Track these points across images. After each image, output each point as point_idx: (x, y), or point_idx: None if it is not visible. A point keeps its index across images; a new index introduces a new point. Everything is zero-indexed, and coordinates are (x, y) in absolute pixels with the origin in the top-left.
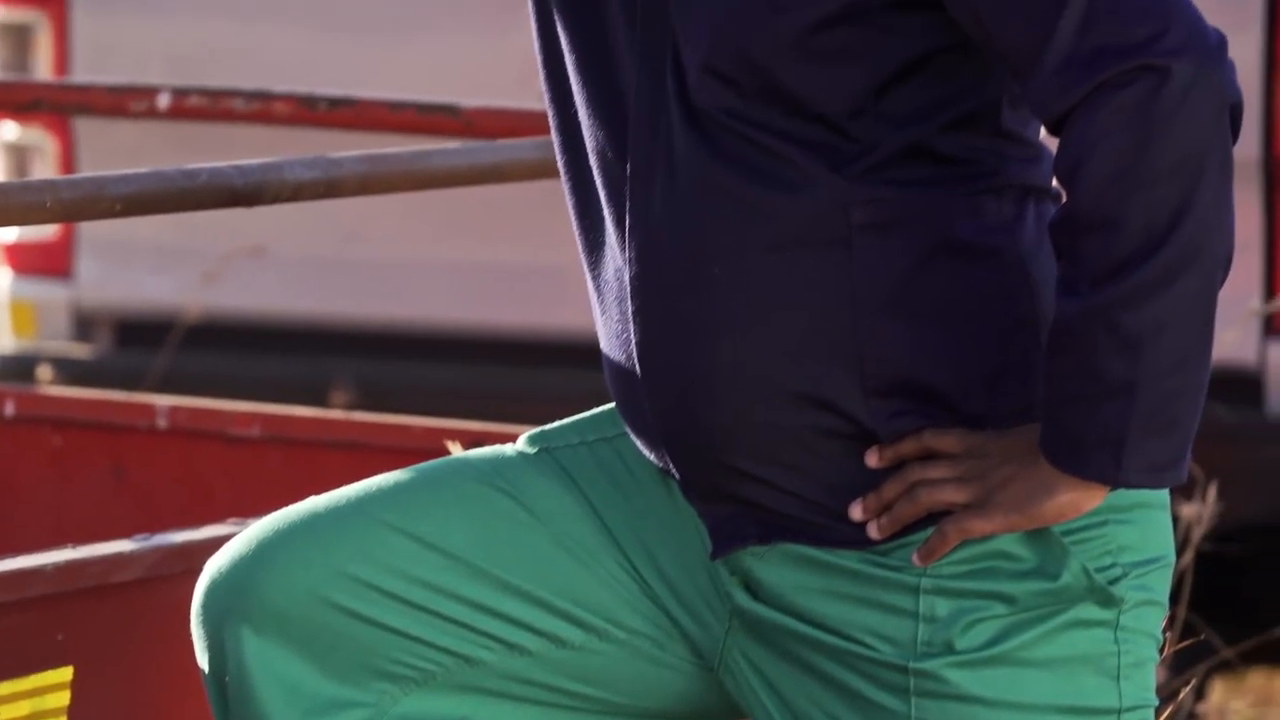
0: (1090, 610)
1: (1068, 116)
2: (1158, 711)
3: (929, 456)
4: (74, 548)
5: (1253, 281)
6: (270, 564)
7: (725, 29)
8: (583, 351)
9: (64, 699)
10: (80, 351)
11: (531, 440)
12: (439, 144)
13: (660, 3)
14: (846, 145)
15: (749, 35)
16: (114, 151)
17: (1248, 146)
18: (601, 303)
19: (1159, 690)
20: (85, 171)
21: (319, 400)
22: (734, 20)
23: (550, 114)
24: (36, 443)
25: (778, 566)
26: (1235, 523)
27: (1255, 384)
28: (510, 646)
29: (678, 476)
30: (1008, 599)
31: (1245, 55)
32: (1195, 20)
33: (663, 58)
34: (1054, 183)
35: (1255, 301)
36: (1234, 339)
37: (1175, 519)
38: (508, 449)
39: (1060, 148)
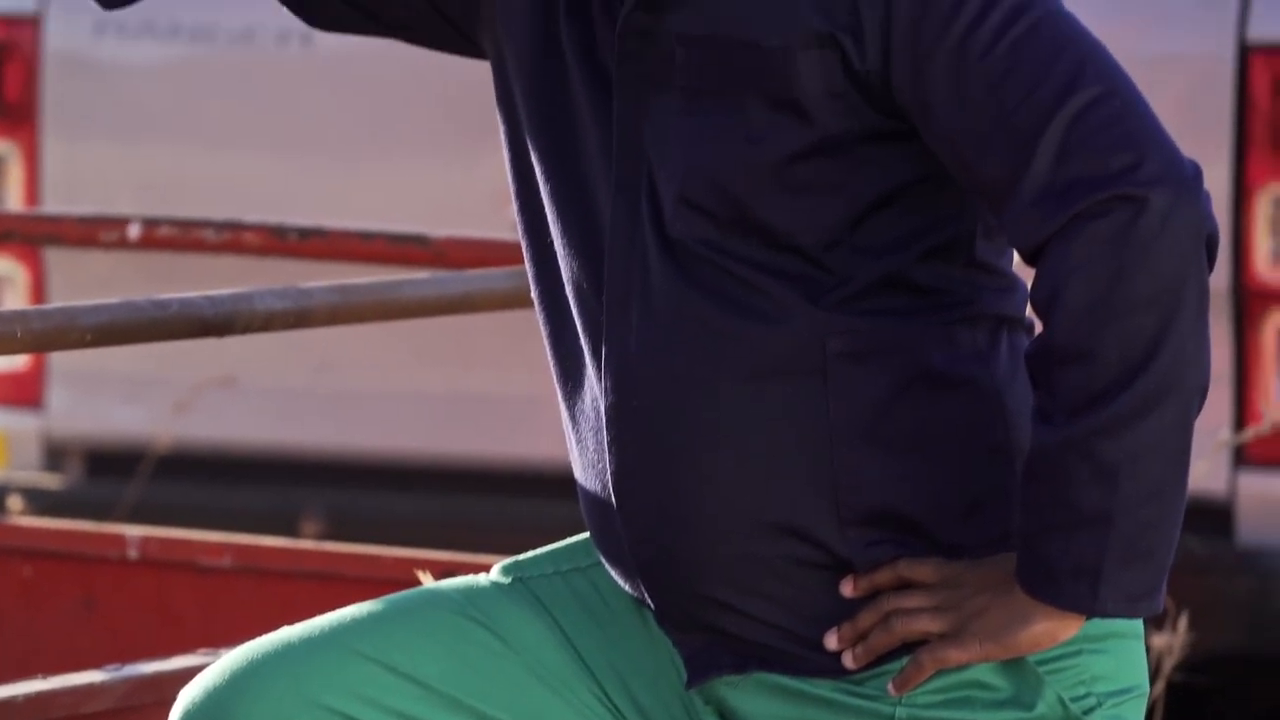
0: None
1: (1044, 247)
2: None
3: (904, 586)
4: (45, 679)
5: (1223, 413)
6: (243, 693)
7: (701, 161)
8: (556, 481)
9: None
10: (51, 482)
11: (505, 570)
12: (410, 274)
13: (636, 134)
14: (822, 276)
15: (725, 167)
16: (85, 281)
17: (1218, 277)
18: (577, 432)
19: None
20: (56, 301)
21: (290, 530)
22: (709, 152)
23: (524, 243)
24: (7, 573)
25: (753, 695)
26: (1205, 653)
27: (1225, 515)
28: None
29: (653, 606)
30: None
31: (1215, 185)
32: (1171, 151)
33: (638, 188)
34: (1029, 313)
35: (1225, 432)
36: (1204, 470)
37: (1147, 649)
38: (481, 579)
39: (1037, 278)
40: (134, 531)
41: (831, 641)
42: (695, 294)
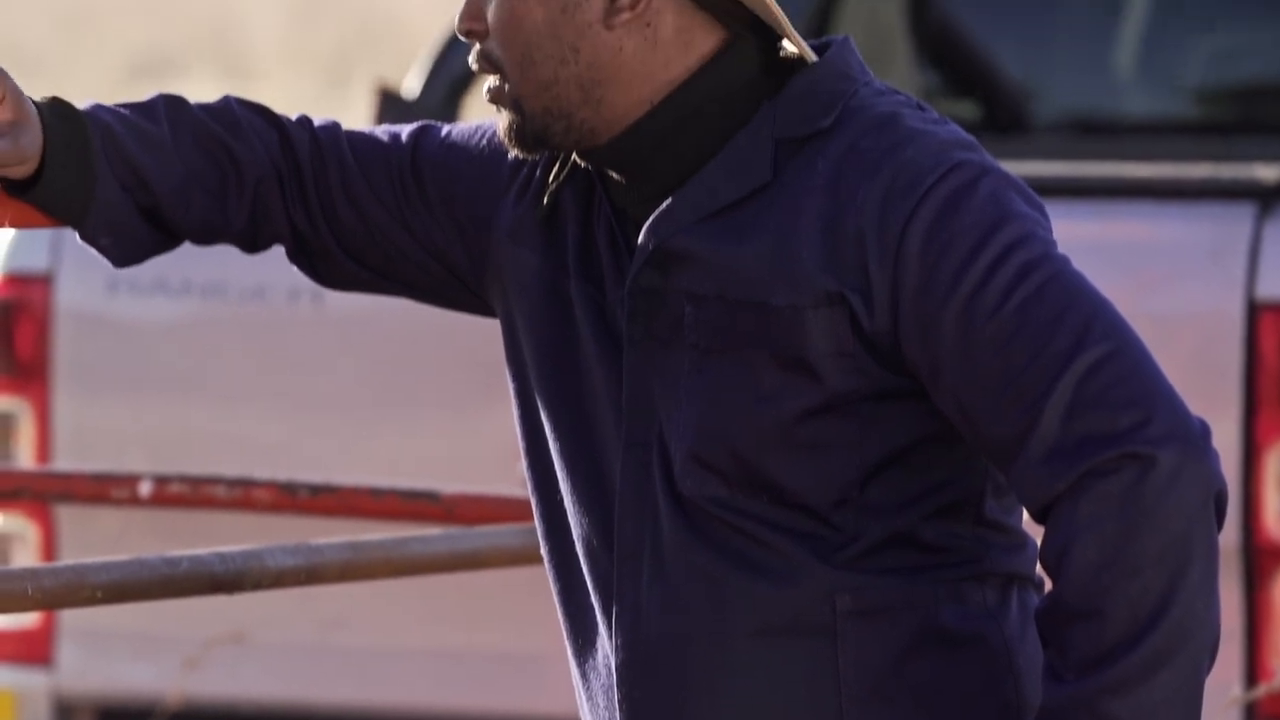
0: None
1: (1053, 505)
2: None
3: None
4: None
5: (1234, 669)
6: None
7: (711, 420)
8: None
9: None
10: None
11: None
12: (421, 530)
13: (646, 392)
14: (831, 534)
15: (734, 426)
16: (96, 538)
17: (1227, 534)
18: (587, 688)
19: None
20: (67, 558)
21: None
22: (720, 411)
23: (533, 500)
24: None
25: None
26: None
27: None
28: None
29: None
30: None
31: (1225, 441)
32: (1179, 408)
33: (649, 446)
34: (1038, 569)
35: (1236, 689)
36: None
37: None
38: None
39: (1046, 536)
40: None
41: None
42: (705, 551)
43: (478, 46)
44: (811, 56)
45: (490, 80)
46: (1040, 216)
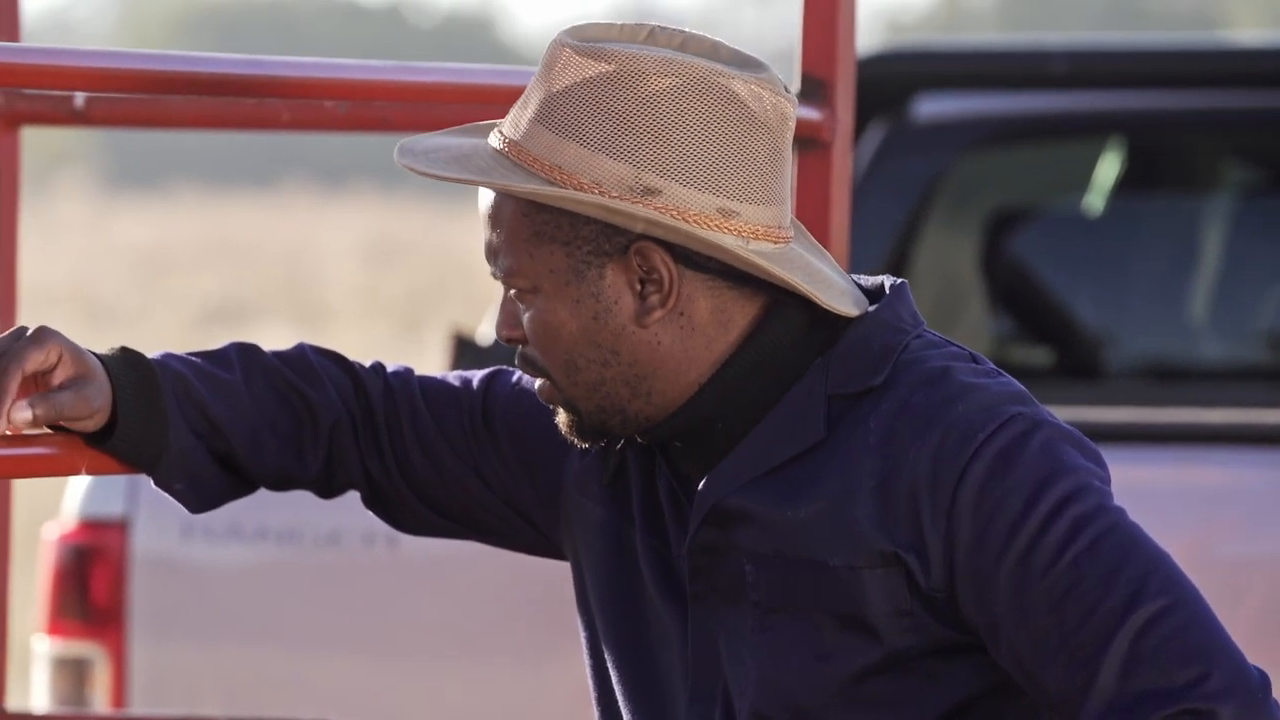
0: None
1: None
2: None
3: None
4: None
5: None
6: None
7: (774, 676)
8: None
9: None
10: None
11: None
12: None
13: (711, 646)
14: None
15: (795, 683)
16: None
17: None
18: None
19: None
20: None
21: None
22: (782, 668)
23: None
24: None
25: None
26: None
27: None
28: None
29: None
30: None
31: None
32: (1238, 661)
33: (713, 699)
34: None
35: None
36: None
37: None
38: None
39: None
40: None
41: None
42: None
43: (520, 350)
44: (854, 312)
45: (540, 381)
46: (1096, 467)
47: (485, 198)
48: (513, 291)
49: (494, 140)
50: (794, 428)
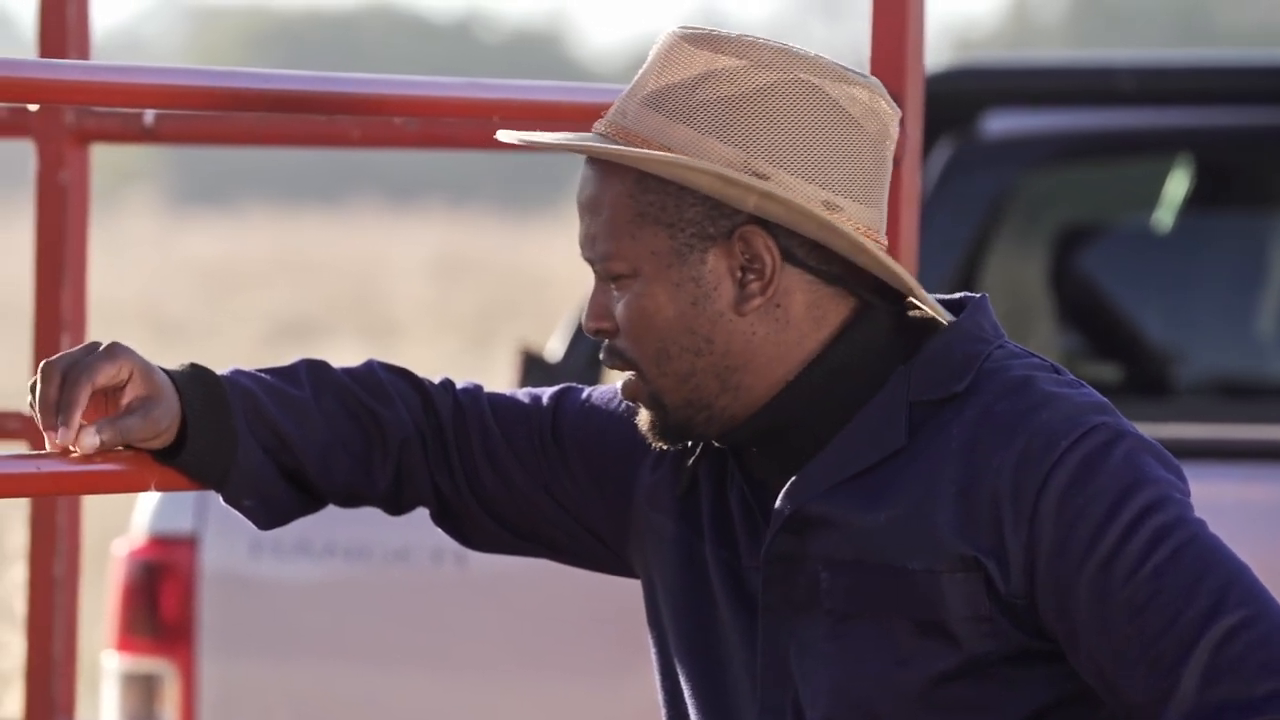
0: None
1: None
2: None
3: None
4: None
5: None
6: None
7: (848, 684)
8: None
9: None
10: None
11: None
12: None
13: (782, 656)
14: None
15: (871, 690)
16: None
17: None
18: None
19: None
20: None
21: None
22: (856, 675)
23: None
24: None
25: None
26: None
27: None
28: None
29: None
30: None
31: None
32: None
33: (784, 710)
34: None
35: None
36: None
37: None
38: None
39: None
40: None
41: None
42: None
43: (607, 344)
44: (946, 317)
45: (626, 377)
46: (1177, 480)
47: (585, 187)
48: (609, 279)
49: (599, 127)
50: (876, 435)
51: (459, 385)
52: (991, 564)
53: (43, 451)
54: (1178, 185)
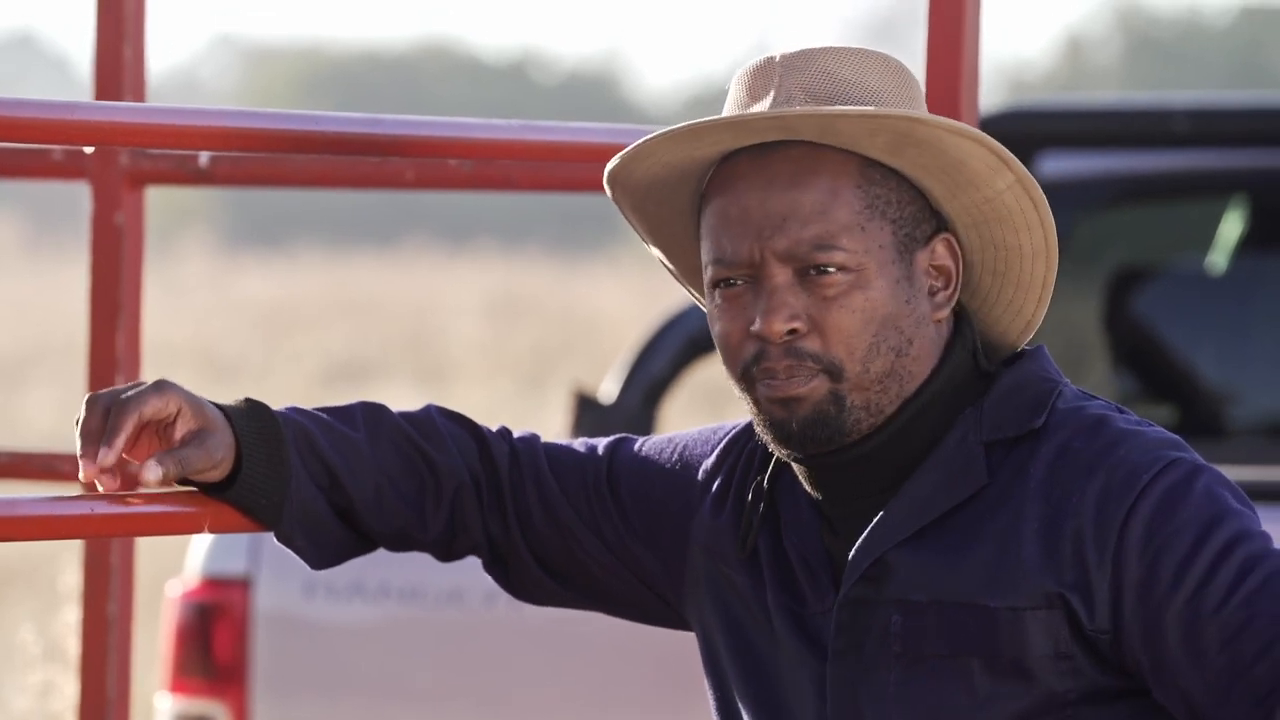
0: None
1: None
2: None
3: None
4: None
5: None
6: None
7: None
8: None
9: None
10: None
11: None
12: None
13: (852, 704)
14: None
15: None
16: None
17: None
18: None
19: None
20: None
21: None
22: (934, 718)
23: None
24: None
25: None
26: None
27: None
28: None
29: None
30: None
31: None
32: None
33: None
34: None
35: None
36: None
37: None
38: None
39: None
40: None
41: None
42: None
43: (792, 344)
44: (1027, 336)
45: (804, 379)
46: (1252, 513)
47: (779, 179)
48: (813, 271)
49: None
50: (954, 476)
51: (516, 434)
52: (1075, 599)
53: (97, 493)
54: (1232, 227)
